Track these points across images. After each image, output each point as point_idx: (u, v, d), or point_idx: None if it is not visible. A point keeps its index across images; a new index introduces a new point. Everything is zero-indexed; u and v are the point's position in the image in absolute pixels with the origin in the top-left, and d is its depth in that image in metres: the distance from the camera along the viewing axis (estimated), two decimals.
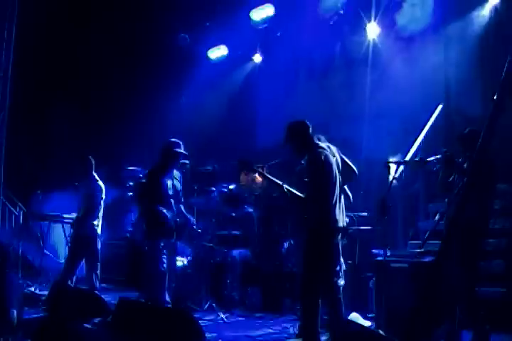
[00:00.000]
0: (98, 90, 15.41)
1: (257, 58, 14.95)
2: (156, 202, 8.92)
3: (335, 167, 7.00)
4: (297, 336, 7.42)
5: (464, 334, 6.86)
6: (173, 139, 9.27)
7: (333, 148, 7.23)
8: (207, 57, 15.48)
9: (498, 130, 4.93)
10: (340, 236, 7.01)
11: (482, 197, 6.86)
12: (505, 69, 4.98)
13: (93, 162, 10.27)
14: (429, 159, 7.66)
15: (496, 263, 8.22)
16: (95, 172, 10.24)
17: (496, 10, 10.50)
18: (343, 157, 7.26)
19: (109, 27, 14.66)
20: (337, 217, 6.94)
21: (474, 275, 7.05)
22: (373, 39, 12.34)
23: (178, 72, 15.53)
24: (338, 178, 7.03)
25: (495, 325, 6.87)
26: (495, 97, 4.84)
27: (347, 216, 7.31)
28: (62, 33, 14.61)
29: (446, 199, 7.63)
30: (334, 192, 6.96)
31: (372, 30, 12.34)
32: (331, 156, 7.02)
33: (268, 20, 13.97)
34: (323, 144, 7.16)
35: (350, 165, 7.25)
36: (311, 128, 7.20)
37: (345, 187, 7.30)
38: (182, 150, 9.15)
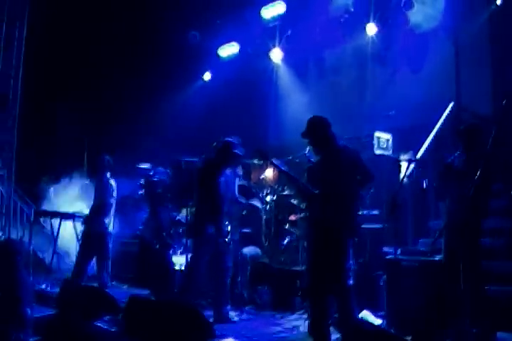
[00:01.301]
0: (109, 88, 15.42)
1: (275, 55, 14.86)
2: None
3: (345, 167, 7.01)
4: (308, 334, 7.39)
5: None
6: (230, 139, 9.13)
7: (351, 149, 7.24)
8: (217, 55, 15.48)
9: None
10: (350, 236, 7.01)
11: (481, 197, 6.85)
12: None
13: (108, 160, 10.31)
14: None
15: (503, 263, 8.19)
16: (109, 170, 10.28)
17: (506, 7, 10.47)
18: (358, 160, 7.24)
19: (120, 25, 14.69)
20: (347, 217, 6.94)
21: (479, 274, 7.04)
22: (383, 37, 12.32)
23: (188, 69, 15.55)
24: (348, 177, 7.04)
25: (502, 324, 6.86)
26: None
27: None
28: (72, 32, 14.63)
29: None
30: (347, 191, 6.96)
31: (371, 29, 12.37)
32: (343, 156, 7.04)
33: (279, 18, 13.97)
34: (340, 144, 7.20)
35: (366, 170, 7.23)
36: (331, 126, 7.22)
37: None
38: (240, 152, 8.99)
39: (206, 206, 8.85)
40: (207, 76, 15.92)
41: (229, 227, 8.94)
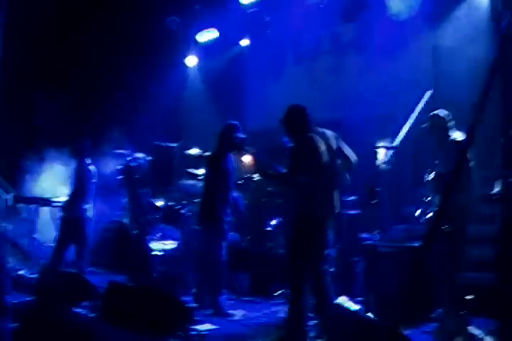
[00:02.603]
0: (87, 74, 15.32)
1: (245, 42, 14.92)
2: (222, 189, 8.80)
3: (324, 152, 7.04)
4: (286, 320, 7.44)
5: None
6: (231, 122, 9.08)
7: (330, 135, 7.28)
8: (195, 41, 15.45)
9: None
10: (328, 223, 7.05)
11: (466, 183, 6.92)
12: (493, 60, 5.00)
13: (87, 146, 10.30)
14: None
15: (484, 250, 8.26)
16: (88, 156, 10.27)
17: None
18: (341, 145, 7.29)
19: (98, 10, 14.60)
20: (325, 203, 6.99)
21: (461, 261, 7.12)
22: (361, 24, 12.34)
23: (167, 54, 15.51)
24: (328, 163, 7.07)
25: (480, 310, 6.95)
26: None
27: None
28: (49, 19, 14.48)
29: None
30: (321, 178, 6.99)
31: (349, 16, 12.38)
32: (320, 142, 7.07)
33: (257, 3, 13.95)
34: (319, 130, 7.23)
35: (346, 155, 7.28)
36: (308, 114, 7.26)
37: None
38: (241, 135, 8.94)
39: (219, 194, 8.78)
40: (191, 61, 15.83)
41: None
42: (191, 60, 15.77)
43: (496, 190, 7.32)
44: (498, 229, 6.97)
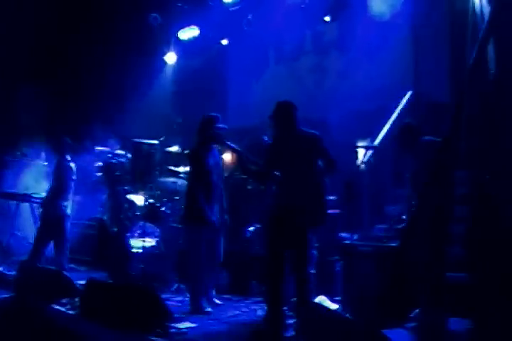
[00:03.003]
0: (68, 71, 15.23)
1: (226, 40, 14.94)
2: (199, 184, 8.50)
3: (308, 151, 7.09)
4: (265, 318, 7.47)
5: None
6: (211, 114, 8.80)
7: (311, 135, 7.29)
8: (177, 38, 15.42)
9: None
10: (314, 223, 7.09)
11: (445, 183, 6.99)
12: (471, 62, 5.06)
13: (68, 142, 10.29)
14: None
15: (458, 250, 8.33)
16: (69, 153, 10.27)
17: None
18: (320, 146, 7.28)
19: (80, 7, 14.55)
20: (309, 202, 7.02)
21: (440, 260, 7.18)
22: (343, 24, 12.37)
23: (149, 51, 15.48)
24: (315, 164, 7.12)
25: (455, 309, 7.01)
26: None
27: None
28: (28, 17, 14.38)
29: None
30: (309, 176, 7.04)
31: (331, 15, 12.38)
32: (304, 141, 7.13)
33: (239, 2, 13.95)
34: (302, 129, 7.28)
35: (327, 156, 7.28)
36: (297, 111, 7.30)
37: None
38: (222, 125, 8.63)
39: (199, 192, 8.46)
40: (171, 58, 15.79)
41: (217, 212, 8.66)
42: (171, 57, 15.72)
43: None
44: (466, 228, 7.08)
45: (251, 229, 10.31)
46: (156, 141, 12.05)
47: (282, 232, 7.00)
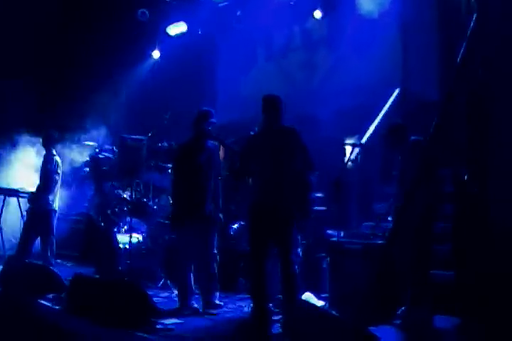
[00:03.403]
0: (59, 64, 15.20)
1: (215, 36, 14.97)
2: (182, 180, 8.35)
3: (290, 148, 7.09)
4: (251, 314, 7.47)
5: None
6: (205, 108, 8.57)
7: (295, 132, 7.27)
8: (166, 33, 15.40)
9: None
10: (295, 220, 7.10)
11: (431, 180, 7.05)
12: (460, 57, 5.08)
13: (55, 136, 10.28)
14: None
15: (445, 248, 8.35)
16: (55, 146, 10.25)
17: None
18: (301, 146, 7.23)
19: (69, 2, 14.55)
20: (270, 198, 7.04)
21: (426, 256, 7.22)
22: (332, 21, 12.41)
23: (137, 47, 15.47)
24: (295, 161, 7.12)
25: (441, 307, 7.05)
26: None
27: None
28: (24, 9, 14.34)
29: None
30: (288, 173, 7.04)
31: (319, 12, 12.40)
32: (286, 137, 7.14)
33: None
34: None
35: (306, 158, 7.23)
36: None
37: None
38: (214, 120, 8.37)
39: (195, 188, 8.24)
40: (156, 54, 15.77)
41: (210, 207, 8.36)
42: (158, 53, 15.71)
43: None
44: (451, 226, 7.12)
45: (235, 226, 10.30)
46: (143, 137, 12.01)
47: (261, 229, 7.02)
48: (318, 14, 12.35)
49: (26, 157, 12.34)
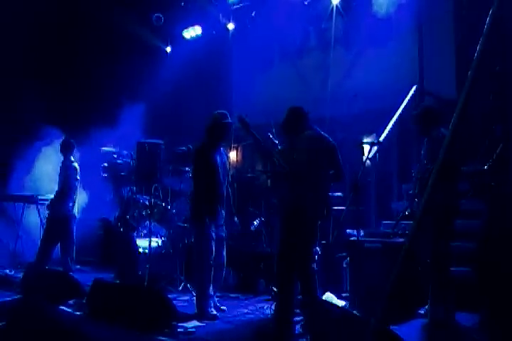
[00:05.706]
0: (73, 69, 15.23)
1: (230, 38, 14.96)
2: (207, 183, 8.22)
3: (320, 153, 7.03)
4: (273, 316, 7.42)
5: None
6: (220, 111, 8.48)
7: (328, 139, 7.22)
8: (182, 37, 15.43)
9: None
10: (319, 218, 7.05)
11: (451, 178, 6.95)
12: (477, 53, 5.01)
13: (71, 143, 10.31)
14: None
15: (466, 245, 8.28)
16: (72, 153, 10.29)
17: None
18: (334, 154, 7.19)
19: (85, 6, 14.56)
20: (317, 198, 6.98)
21: (447, 254, 7.15)
22: (347, 20, 12.38)
23: (153, 51, 15.50)
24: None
25: (460, 304, 6.99)
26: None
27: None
28: (30, 10, 14.35)
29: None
30: (318, 174, 6.99)
31: (335, 12, 12.38)
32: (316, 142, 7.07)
33: None
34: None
35: (338, 167, 7.18)
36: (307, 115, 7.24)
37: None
38: (230, 120, 8.31)
39: (207, 190, 8.20)
40: (171, 56, 15.80)
41: (223, 212, 8.41)
42: (172, 54, 15.75)
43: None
44: (480, 226, 7.02)
45: (255, 222, 10.29)
46: (160, 141, 12.00)
47: (293, 232, 6.95)
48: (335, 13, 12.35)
49: (44, 164, 12.36)
